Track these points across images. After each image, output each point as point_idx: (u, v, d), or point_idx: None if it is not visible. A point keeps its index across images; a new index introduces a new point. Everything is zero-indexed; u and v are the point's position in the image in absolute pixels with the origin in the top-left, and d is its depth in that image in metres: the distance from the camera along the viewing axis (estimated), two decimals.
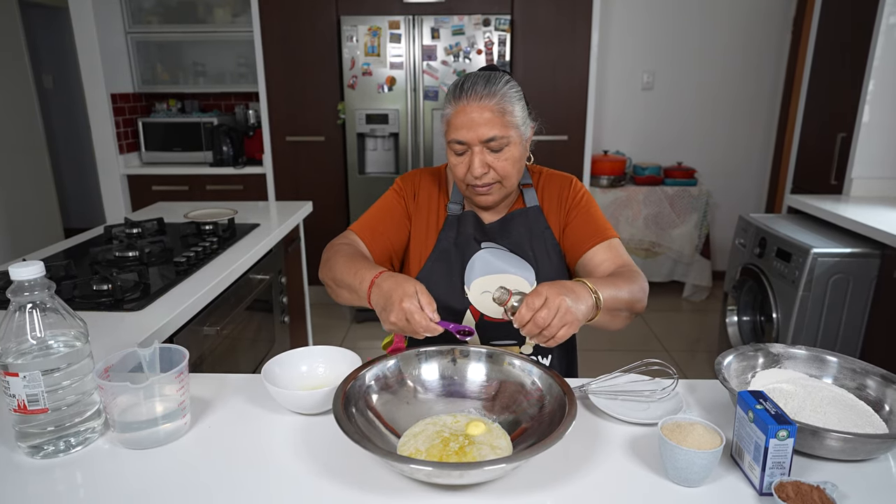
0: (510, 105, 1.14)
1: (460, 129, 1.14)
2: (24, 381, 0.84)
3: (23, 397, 0.84)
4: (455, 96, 1.15)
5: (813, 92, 3.02)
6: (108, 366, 0.91)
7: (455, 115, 1.15)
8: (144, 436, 0.90)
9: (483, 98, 1.13)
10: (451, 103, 1.16)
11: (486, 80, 1.15)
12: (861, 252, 2.17)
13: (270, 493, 0.81)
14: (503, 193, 1.22)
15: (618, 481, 0.84)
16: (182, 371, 0.91)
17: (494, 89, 1.13)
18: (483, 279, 1.24)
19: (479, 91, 1.13)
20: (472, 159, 1.14)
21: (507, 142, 1.15)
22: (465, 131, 1.13)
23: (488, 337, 1.25)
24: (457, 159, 1.17)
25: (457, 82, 1.17)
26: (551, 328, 0.94)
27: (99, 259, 1.74)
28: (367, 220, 1.31)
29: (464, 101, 1.14)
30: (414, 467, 0.76)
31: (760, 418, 0.79)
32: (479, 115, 1.12)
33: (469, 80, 1.15)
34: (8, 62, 4.22)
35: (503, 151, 1.15)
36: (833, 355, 1.05)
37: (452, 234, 1.27)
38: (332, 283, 1.19)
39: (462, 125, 1.13)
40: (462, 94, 1.14)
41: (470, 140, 1.14)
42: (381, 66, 3.39)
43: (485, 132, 1.12)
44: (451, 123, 1.15)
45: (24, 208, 4.34)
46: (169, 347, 0.97)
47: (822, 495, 0.74)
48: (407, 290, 0.97)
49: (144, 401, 0.90)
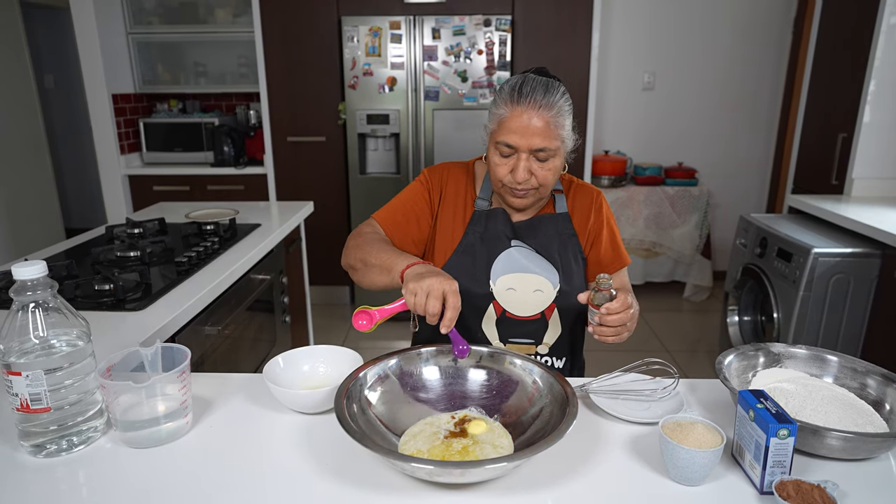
0: (563, 119, 1.15)
1: (513, 133, 1.13)
2: (26, 381, 0.84)
3: (25, 396, 0.85)
4: (512, 99, 1.14)
5: (814, 92, 3.02)
6: (111, 365, 0.91)
7: (510, 117, 1.14)
8: (146, 435, 0.90)
9: (542, 108, 1.12)
10: (507, 105, 1.14)
11: (545, 88, 1.14)
12: (862, 252, 2.17)
13: (271, 492, 0.81)
14: (537, 198, 1.23)
15: (619, 480, 0.84)
16: (184, 370, 0.91)
17: (552, 100, 1.13)
18: (509, 276, 1.25)
19: (539, 100, 1.12)
20: (518, 164, 1.15)
21: (553, 154, 1.16)
22: (517, 137, 1.13)
23: (508, 334, 1.27)
24: (500, 160, 1.18)
25: (515, 83, 1.16)
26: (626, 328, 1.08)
27: (101, 259, 1.74)
28: (391, 211, 1.32)
29: (522, 106, 1.13)
30: (415, 466, 0.76)
31: (761, 417, 0.79)
32: (535, 123, 1.12)
33: (528, 85, 1.14)
34: (9, 62, 4.23)
35: (548, 162, 1.16)
36: (834, 354, 1.05)
37: (480, 229, 1.27)
38: (360, 265, 1.21)
39: (515, 130, 1.13)
40: (521, 99, 1.13)
41: (520, 146, 1.14)
42: (381, 66, 3.39)
43: (537, 142, 1.13)
44: (504, 125, 1.15)
45: (26, 208, 4.35)
46: (171, 347, 0.97)
47: (823, 494, 0.75)
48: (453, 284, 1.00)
49: (146, 400, 0.91)
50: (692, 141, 4.13)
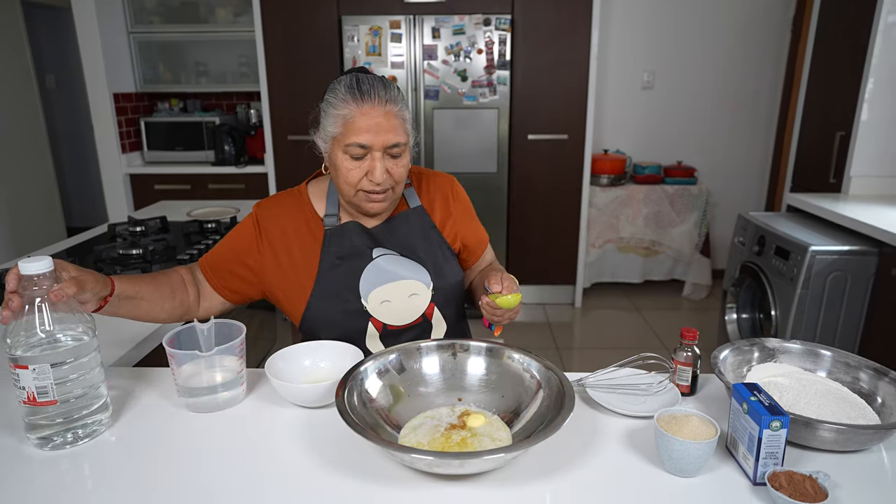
0: (405, 112, 1.14)
1: (364, 132, 1.08)
2: (33, 374, 0.85)
3: (32, 389, 0.86)
4: (354, 98, 1.09)
5: (812, 91, 3.03)
6: (173, 338, 1.00)
7: (357, 117, 1.08)
8: (205, 401, 1.00)
9: (387, 102, 1.10)
10: (349, 104, 1.09)
11: (382, 83, 1.11)
12: (859, 250, 2.18)
13: (273, 483, 0.82)
14: (393, 199, 1.18)
15: (615, 472, 0.85)
16: (241, 343, 1.01)
17: (393, 95, 1.11)
18: (380, 289, 1.19)
19: (382, 95, 1.09)
20: (374, 165, 1.10)
21: (404, 149, 1.13)
22: (370, 135, 1.08)
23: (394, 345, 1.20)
24: (353, 163, 1.11)
25: (350, 83, 1.11)
26: None
27: (103, 257, 1.76)
28: (214, 256, 1.23)
29: (368, 104, 1.08)
30: (415, 457, 0.78)
31: (754, 409, 0.80)
32: (385, 120, 1.09)
33: (366, 83, 1.10)
34: (11, 62, 4.25)
35: (401, 158, 1.13)
36: (827, 349, 1.07)
37: (336, 249, 1.20)
38: None
39: (366, 128, 1.08)
40: (364, 96, 1.08)
41: (374, 144, 1.09)
42: (382, 65, 3.41)
43: (391, 138, 1.09)
44: (352, 126, 1.09)
45: (27, 207, 4.36)
46: (226, 323, 1.05)
47: (815, 484, 0.76)
48: None
49: (206, 370, 1.00)
50: (691, 140, 4.14)
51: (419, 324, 1.24)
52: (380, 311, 1.20)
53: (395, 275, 1.20)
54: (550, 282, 3.81)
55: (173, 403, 1.02)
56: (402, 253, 1.23)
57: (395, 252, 1.22)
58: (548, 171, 3.61)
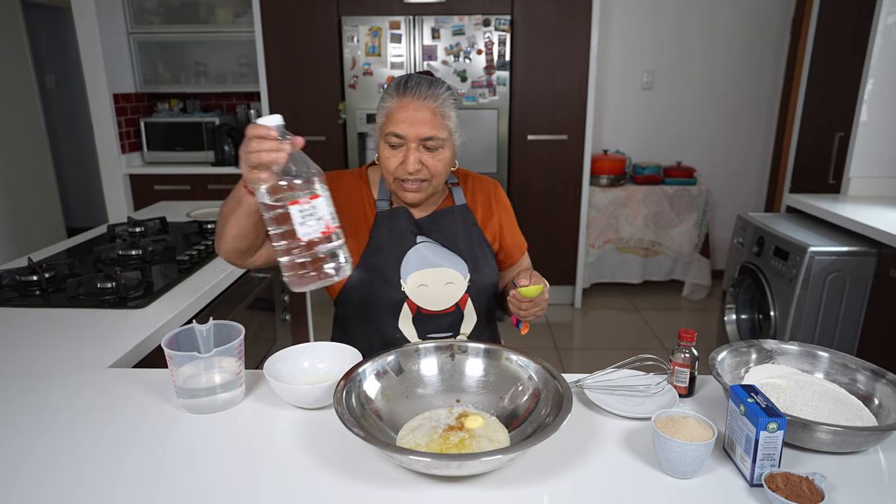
0: (449, 111, 1.20)
1: (401, 123, 1.17)
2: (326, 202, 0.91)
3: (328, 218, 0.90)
4: (398, 92, 1.19)
5: (811, 92, 3.03)
6: (172, 339, 1.00)
7: (397, 109, 1.18)
8: (204, 402, 1.00)
9: (427, 98, 1.18)
10: (394, 98, 1.19)
11: (429, 83, 1.20)
12: (858, 251, 2.18)
13: (272, 484, 0.83)
14: (429, 192, 1.25)
15: (612, 473, 0.85)
16: (240, 344, 1.01)
17: (437, 93, 1.19)
18: (419, 273, 1.27)
19: (424, 91, 1.18)
20: (408, 155, 1.18)
21: (441, 143, 1.20)
22: (405, 126, 1.17)
23: (426, 330, 1.29)
24: (390, 152, 1.20)
25: (399, 80, 1.21)
26: None
27: (103, 257, 1.76)
28: None
29: (408, 98, 1.18)
30: (413, 458, 0.78)
31: (751, 411, 0.81)
32: (421, 113, 1.17)
33: (413, 80, 1.20)
34: (10, 62, 4.25)
35: (437, 152, 1.20)
36: (824, 351, 1.07)
37: (385, 230, 1.28)
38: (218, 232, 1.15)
39: (403, 120, 1.17)
40: (406, 92, 1.18)
41: (409, 136, 1.17)
42: (381, 66, 3.41)
43: (424, 130, 1.17)
44: (392, 117, 1.19)
45: (27, 208, 4.37)
46: (224, 324, 1.05)
47: (811, 486, 0.76)
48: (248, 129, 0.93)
49: (205, 371, 1.00)
50: (691, 140, 4.14)
51: (451, 312, 1.29)
52: (416, 293, 1.27)
53: (434, 261, 1.27)
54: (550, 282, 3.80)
55: (172, 405, 1.03)
56: (443, 244, 1.29)
57: (437, 242, 1.29)
58: (547, 172, 3.61)
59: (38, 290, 1.52)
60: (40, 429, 0.95)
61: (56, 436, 0.93)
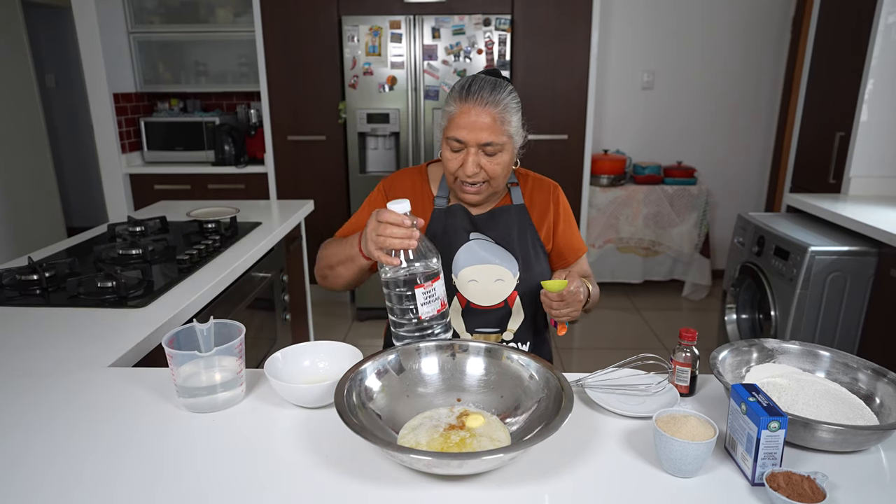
0: (510, 115, 1.21)
1: (461, 129, 1.20)
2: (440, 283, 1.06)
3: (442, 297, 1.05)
4: (461, 97, 1.21)
5: (812, 91, 3.03)
6: (172, 338, 1.00)
7: (459, 114, 1.20)
8: (205, 401, 1.00)
9: (488, 104, 1.19)
10: (456, 102, 1.21)
11: (492, 86, 1.20)
12: (858, 250, 2.18)
13: (272, 484, 0.83)
14: (488, 193, 1.28)
15: (613, 472, 0.85)
16: (240, 344, 1.01)
17: (499, 98, 1.20)
18: (470, 268, 1.30)
19: (486, 97, 1.19)
20: (467, 159, 1.21)
21: (501, 148, 1.22)
22: (465, 132, 1.19)
23: (474, 324, 1.32)
24: (451, 155, 1.24)
25: (464, 82, 1.22)
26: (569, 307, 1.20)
27: (103, 257, 1.76)
28: (354, 224, 1.37)
29: (469, 104, 1.19)
30: (414, 457, 0.78)
31: (753, 410, 0.80)
32: (482, 119, 1.19)
33: (476, 83, 1.21)
34: (10, 61, 4.25)
35: (496, 156, 1.22)
36: (825, 350, 1.07)
37: (441, 226, 1.32)
38: (327, 271, 1.29)
39: (464, 126, 1.19)
40: (469, 96, 1.20)
41: (468, 141, 1.20)
42: (382, 65, 3.41)
43: (484, 137, 1.19)
44: (454, 122, 1.21)
45: (27, 207, 4.37)
46: (225, 323, 1.05)
47: (813, 485, 0.76)
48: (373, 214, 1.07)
49: (205, 370, 1.00)
50: (691, 140, 4.14)
51: (500, 308, 1.32)
52: (467, 288, 1.30)
53: (485, 258, 1.31)
54: None
55: (172, 404, 1.03)
56: (496, 241, 1.32)
57: (490, 239, 1.32)
58: (548, 172, 3.57)
59: (38, 289, 1.52)
60: (40, 428, 0.95)
61: (56, 435, 0.93)
